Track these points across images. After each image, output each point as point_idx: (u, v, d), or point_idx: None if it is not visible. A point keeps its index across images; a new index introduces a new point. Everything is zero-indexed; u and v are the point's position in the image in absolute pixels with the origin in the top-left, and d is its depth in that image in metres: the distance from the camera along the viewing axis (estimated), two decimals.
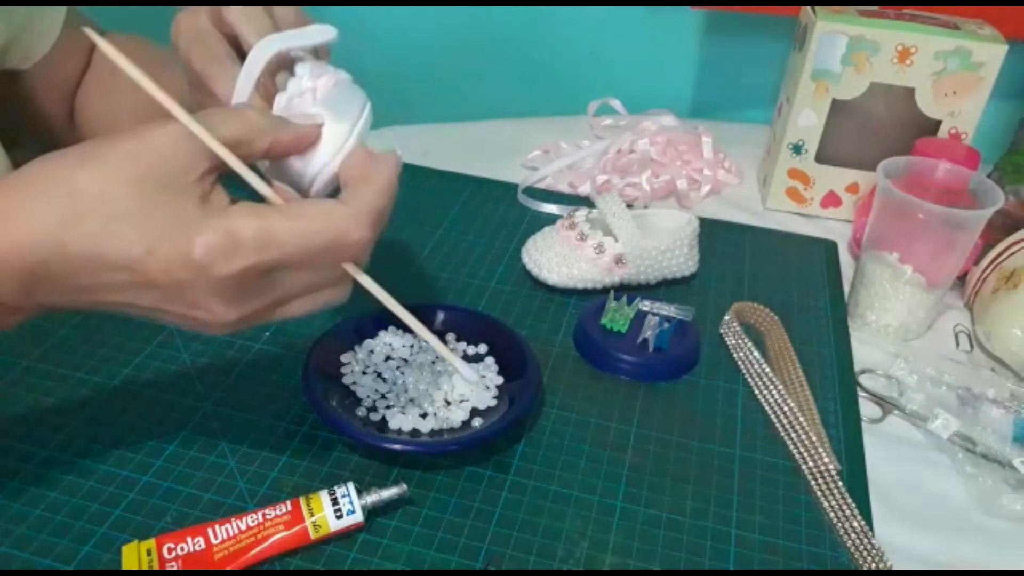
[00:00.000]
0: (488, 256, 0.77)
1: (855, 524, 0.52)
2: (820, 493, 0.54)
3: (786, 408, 0.59)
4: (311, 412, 0.57)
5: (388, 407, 0.56)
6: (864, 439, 0.59)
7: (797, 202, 0.89)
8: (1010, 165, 0.80)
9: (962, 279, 0.75)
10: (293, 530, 0.47)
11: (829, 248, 0.83)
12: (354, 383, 0.58)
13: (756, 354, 0.64)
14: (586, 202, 0.84)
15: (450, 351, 0.49)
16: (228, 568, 0.46)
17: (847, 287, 0.75)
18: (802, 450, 0.57)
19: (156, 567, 0.45)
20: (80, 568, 0.46)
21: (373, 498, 0.49)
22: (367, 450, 0.54)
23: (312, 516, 0.47)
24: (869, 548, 0.50)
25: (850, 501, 0.53)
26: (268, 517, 0.47)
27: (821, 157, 0.85)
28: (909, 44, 0.77)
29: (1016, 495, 0.56)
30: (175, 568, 0.45)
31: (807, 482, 0.55)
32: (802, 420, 0.58)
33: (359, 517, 0.48)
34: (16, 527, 0.48)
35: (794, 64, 0.85)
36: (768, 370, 0.62)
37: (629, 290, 0.72)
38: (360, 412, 0.56)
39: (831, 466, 0.55)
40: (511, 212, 0.85)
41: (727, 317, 0.69)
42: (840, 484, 0.54)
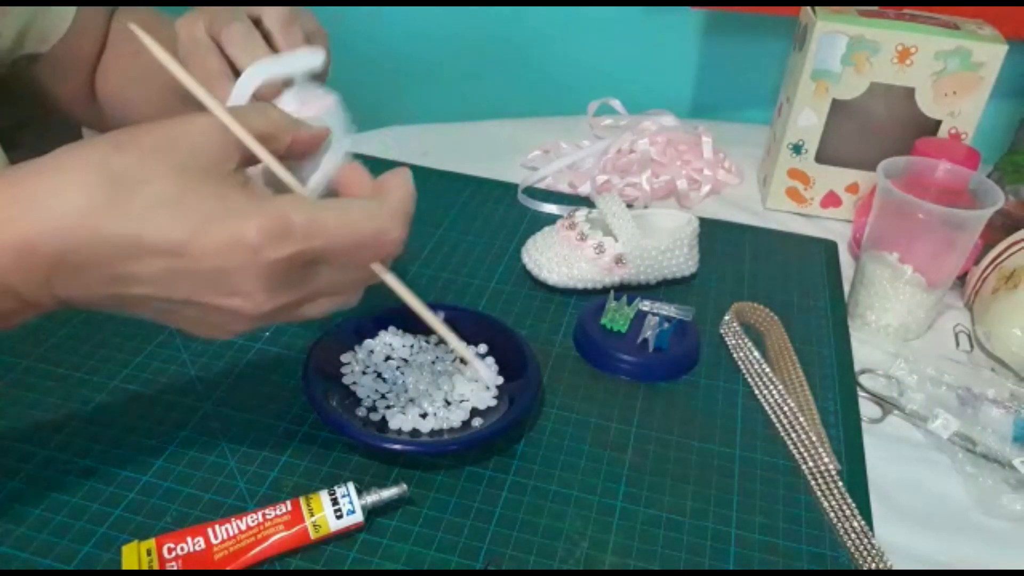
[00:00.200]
0: (488, 256, 0.77)
1: (855, 524, 0.52)
2: (820, 493, 0.54)
3: (786, 408, 0.59)
4: (311, 412, 0.57)
5: (388, 407, 0.56)
6: (864, 439, 0.59)
7: (797, 202, 0.89)
8: (1010, 165, 0.80)
9: (962, 279, 0.75)
10: (293, 530, 0.47)
11: (829, 248, 0.83)
12: (354, 383, 0.58)
13: (756, 354, 0.64)
14: (586, 202, 0.84)
15: (472, 353, 0.48)
16: (228, 568, 0.46)
17: (847, 287, 0.75)
18: (802, 450, 0.57)
19: (156, 567, 0.45)
20: (80, 568, 0.46)
21: (373, 498, 0.49)
22: (367, 450, 0.54)
23: (312, 516, 0.47)
24: (869, 548, 0.50)
25: (850, 501, 0.53)
26: (268, 517, 0.47)
27: (821, 157, 0.85)
28: (909, 44, 0.77)
29: (1016, 495, 0.56)
30: (175, 568, 0.45)
31: (807, 482, 0.55)
32: (802, 420, 0.58)
33: (359, 517, 0.48)
34: (16, 527, 0.48)
35: (794, 64, 0.85)
36: (768, 370, 0.62)
37: (629, 290, 0.72)
38: (360, 412, 0.56)
39: (831, 466, 0.55)
40: (511, 212, 0.85)
41: (727, 317, 0.69)
42: (840, 484, 0.54)
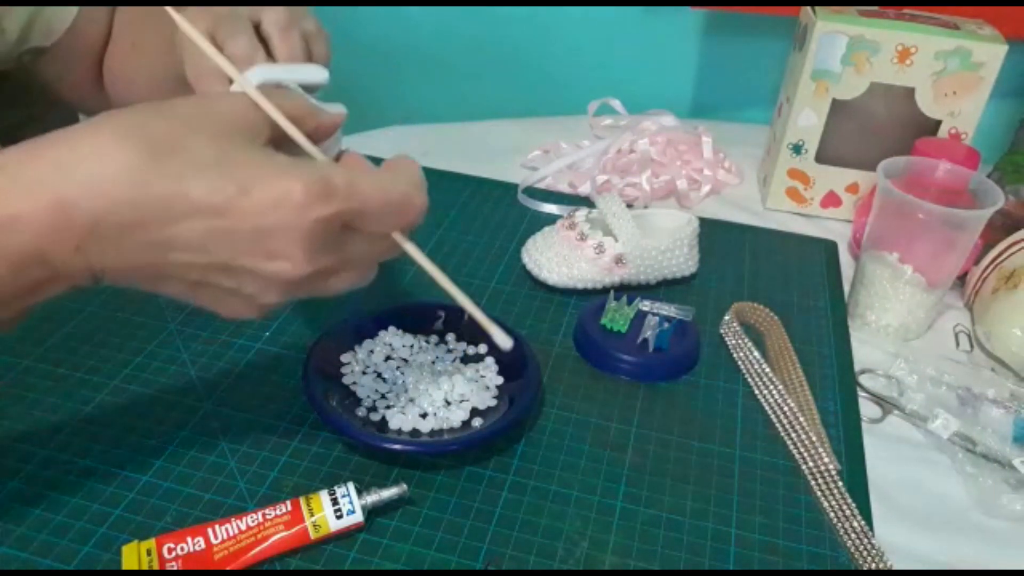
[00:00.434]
0: (488, 256, 0.77)
1: (855, 524, 0.52)
2: (820, 493, 0.54)
3: (786, 408, 0.59)
4: (311, 412, 0.57)
5: (388, 407, 0.56)
6: (864, 439, 0.59)
7: (797, 202, 0.89)
8: (1010, 165, 0.80)
9: (962, 279, 0.75)
10: (293, 530, 0.47)
11: (829, 248, 0.83)
12: (354, 383, 0.58)
13: (756, 354, 0.64)
14: (586, 202, 0.84)
15: (486, 317, 0.47)
16: (228, 568, 0.46)
17: (847, 287, 0.75)
18: (802, 450, 0.57)
19: (156, 567, 0.45)
20: (80, 568, 0.46)
21: (373, 498, 0.49)
22: (367, 450, 0.54)
23: (312, 516, 0.47)
24: (869, 548, 0.50)
25: (850, 501, 0.53)
26: (268, 517, 0.47)
27: (821, 157, 0.85)
28: (909, 44, 0.77)
29: (1016, 495, 0.56)
30: (175, 568, 0.45)
31: (807, 482, 0.55)
32: (802, 420, 0.58)
33: (359, 517, 0.48)
34: (16, 527, 0.48)
35: (794, 64, 0.85)
36: (768, 370, 0.62)
37: (629, 290, 0.72)
38: (360, 412, 0.56)
39: (831, 466, 0.55)
40: (511, 212, 0.85)
41: (727, 317, 0.69)
42: (840, 484, 0.54)
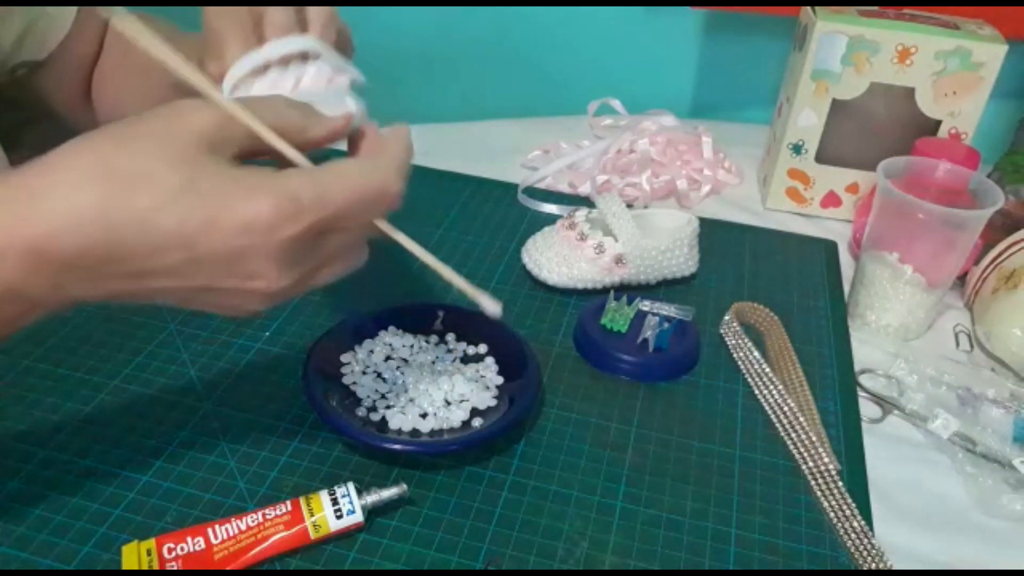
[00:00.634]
0: (488, 256, 0.77)
1: (855, 524, 0.52)
2: (820, 493, 0.54)
3: (786, 408, 0.59)
4: (311, 412, 0.57)
5: (388, 407, 0.56)
6: (864, 439, 0.59)
7: (797, 202, 0.89)
8: (1010, 165, 0.80)
9: (962, 279, 0.75)
10: (293, 530, 0.47)
11: (829, 248, 0.83)
12: (354, 383, 0.58)
13: (756, 354, 0.64)
14: (586, 202, 0.84)
15: (471, 285, 0.46)
16: (228, 568, 0.46)
17: (847, 287, 0.75)
18: (802, 450, 0.57)
19: (156, 567, 0.45)
20: (80, 568, 0.46)
21: (373, 498, 0.49)
22: (367, 450, 0.54)
23: (312, 516, 0.47)
24: (869, 548, 0.50)
25: (850, 501, 0.53)
26: (268, 517, 0.47)
27: (821, 157, 0.85)
28: (909, 44, 0.77)
29: (1016, 495, 0.56)
30: (175, 568, 0.45)
31: (807, 482, 0.55)
32: (802, 420, 0.58)
33: (359, 517, 0.48)
34: (16, 527, 0.48)
35: (794, 64, 0.85)
36: (768, 370, 0.62)
37: (629, 290, 0.72)
38: (360, 412, 0.56)
39: (831, 466, 0.55)
40: (511, 212, 0.85)
41: (727, 317, 0.69)
42: (840, 484, 0.54)
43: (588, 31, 1.10)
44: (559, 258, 0.71)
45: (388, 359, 0.60)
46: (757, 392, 0.62)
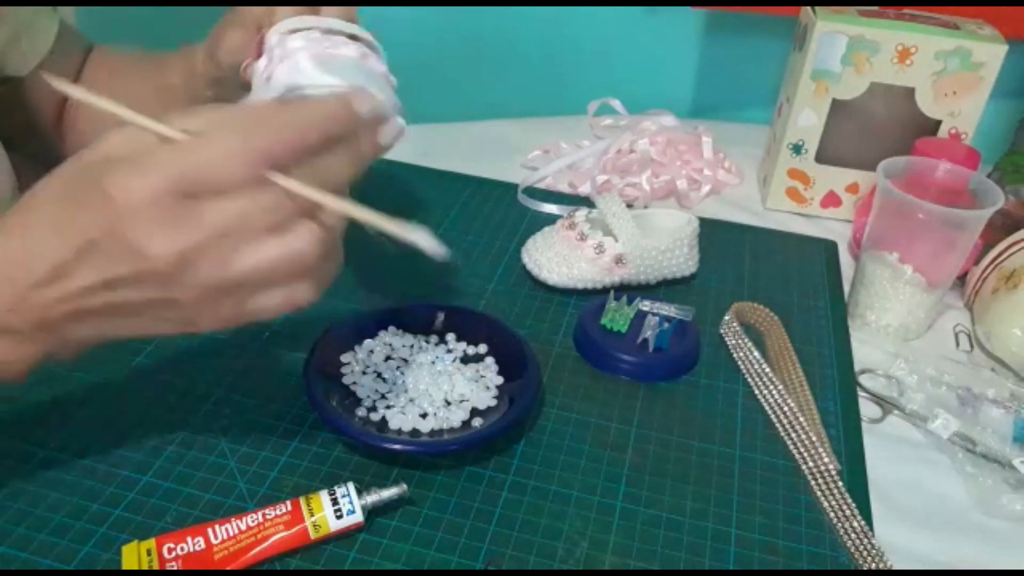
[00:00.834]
0: (488, 256, 0.77)
1: (855, 524, 0.52)
2: (820, 493, 0.54)
3: (786, 408, 0.59)
4: (311, 412, 0.57)
5: (388, 407, 0.56)
6: (864, 439, 0.59)
7: (797, 202, 0.89)
8: (1010, 165, 0.80)
9: (962, 279, 0.75)
10: (293, 530, 0.47)
11: (829, 248, 0.83)
12: (354, 383, 0.58)
13: (756, 354, 0.64)
14: (586, 202, 0.84)
15: (400, 225, 0.43)
16: (228, 568, 0.46)
17: (847, 287, 0.75)
18: (802, 450, 0.57)
19: (156, 567, 0.45)
20: (80, 568, 0.46)
21: (373, 498, 0.49)
22: (367, 450, 0.54)
23: (312, 516, 0.47)
24: (869, 548, 0.50)
25: (850, 501, 0.53)
26: (268, 517, 0.47)
27: (821, 157, 0.85)
28: (909, 44, 0.77)
29: (1016, 495, 0.56)
30: (175, 568, 0.45)
31: (807, 482, 0.55)
32: (802, 420, 0.58)
33: (359, 517, 0.48)
34: (16, 527, 0.48)
35: (794, 64, 0.85)
36: (768, 370, 0.62)
37: (629, 290, 0.72)
38: (360, 412, 0.56)
39: (831, 466, 0.55)
40: (511, 212, 0.84)
41: (727, 317, 0.69)
42: (840, 484, 0.54)
43: (588, 31, 1.10)
44: (559, 258, 0.71)
45: (388, 359, 0.60)
46: (757, 392, 0.62)
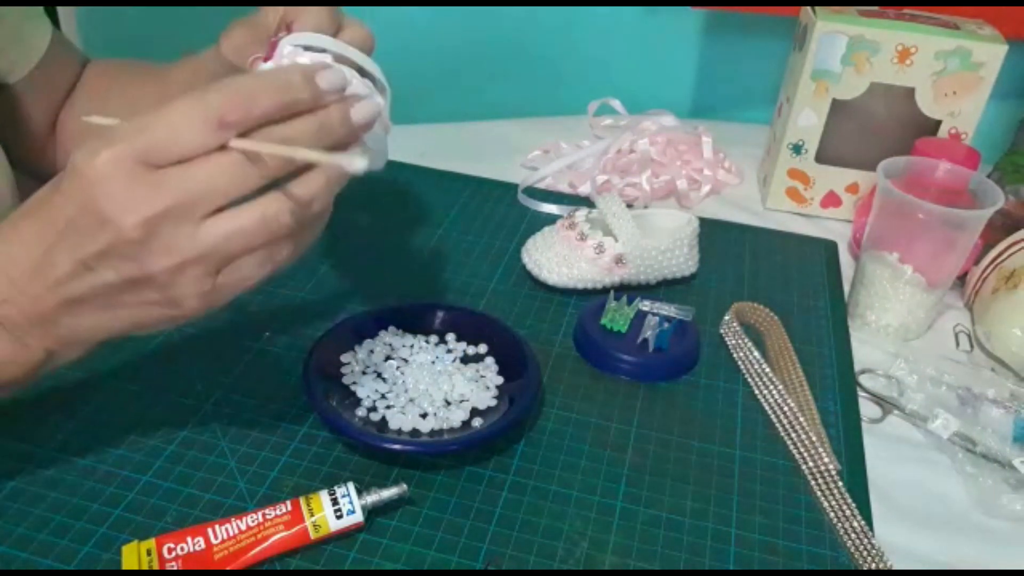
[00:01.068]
0: (488, 256, 0.77)
1: (855, 524, 0.52)
2: (820, 493, 0.54)
3: (786, 408, 0.59)
4: (311, 412, 0.57)
5: (388, 407, 0.56)
6: (864, 439, 0.59)
7: (797, 202, 0.89)
8: (1010, 165, 0.80)
9: (962, 279, 0.75)
10: (293, 530, 0.47)
11: (829, 248, 0.83)
12: (354, 383, 0.58)
13: (756, 354, 0.64)
14: (586, 202, 0.84)
15: (322, 153, 0.39)
16: (228, 568, 0.46)
17: (847, 287, 0.75)
18: (802, 450, 0.57)
19: (156, 567, 0.45)
20: (80, 568, 0.46)
21: (373, 498, 0.49)
22: (367, 450, 0.54)
23: (312, 516, 0.47)
24: (869, 548, 0.50)
25: (850, 501, 0.53)
26: (268, 517, 0.47)
27: (821, 157, 0.85)
28: (909, 44, 0.77)
29: (1016, 495, 0.56)
30: (175, 568, 0.45)
31: (807, 482, 0.55)
32: (802, 420, 0.58)
33: (359, 517, 0.48)
34: (16, 527, 0.48)
35: (794, 64, 0.85)
36: (768, 370, 0.62)
37: (629, 290, 0.72)
38: (360, 412, 0.56)
39: (831, 466, 0.55)
40: (511, 212, 0.85)
41: (727, 317, 0.69)
42: (840, 484, 0.54)
43: (588, 31, 1.10)
44: (559, 258, 0.71)
45: (388, 359, 0.61)
46: (757, 392, 0.62)
